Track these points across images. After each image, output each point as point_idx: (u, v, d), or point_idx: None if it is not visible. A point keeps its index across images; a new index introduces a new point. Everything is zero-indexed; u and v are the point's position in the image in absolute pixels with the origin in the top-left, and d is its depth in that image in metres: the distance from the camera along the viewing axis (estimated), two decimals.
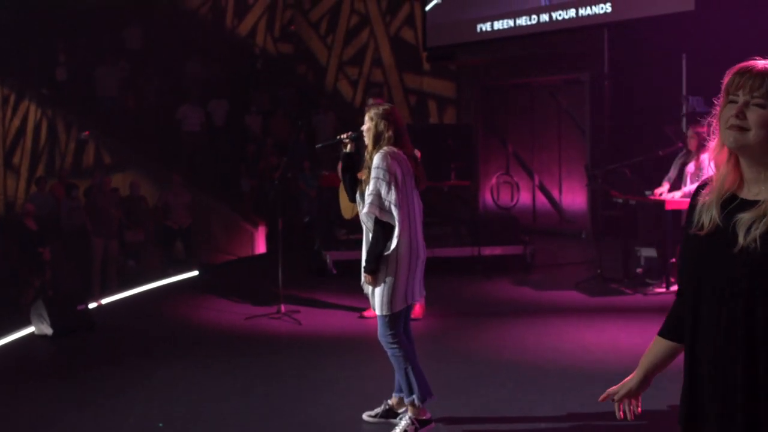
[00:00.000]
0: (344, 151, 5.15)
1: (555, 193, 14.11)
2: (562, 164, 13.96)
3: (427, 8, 15.54)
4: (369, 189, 4.78)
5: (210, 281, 10.69)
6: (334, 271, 10.05)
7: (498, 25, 14.16)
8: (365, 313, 8.04)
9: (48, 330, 7.56)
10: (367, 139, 4.95)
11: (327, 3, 20.13)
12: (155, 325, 8.22)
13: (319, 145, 5.95)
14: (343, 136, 5.16)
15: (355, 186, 5.04)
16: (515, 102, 14.63)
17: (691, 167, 8.83)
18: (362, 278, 5.04)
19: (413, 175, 4.92)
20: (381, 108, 4.98)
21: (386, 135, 4.87)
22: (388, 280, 4.78)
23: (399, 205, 4.74)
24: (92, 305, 8.65)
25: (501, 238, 10.38)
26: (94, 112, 16.95)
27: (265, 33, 20.85)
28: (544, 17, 13.41)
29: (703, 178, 7.11)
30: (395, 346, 4.84)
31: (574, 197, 13.83)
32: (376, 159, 4.81)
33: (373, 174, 4.78)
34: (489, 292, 9.16)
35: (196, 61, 18.08)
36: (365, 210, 4.78)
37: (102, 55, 16.91)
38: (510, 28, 13.96)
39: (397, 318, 4.83)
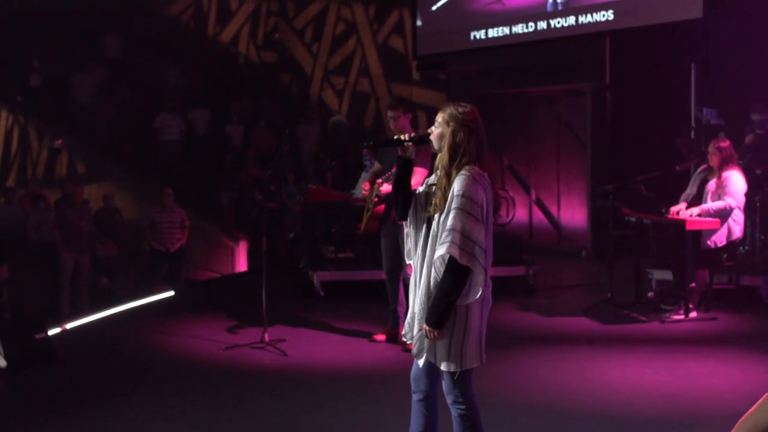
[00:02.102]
0: (403, 156, 4.05)
1: (553, 209, 13.39)
2: (561, 179, 13.24)
3: (419, 23, 14.87)
4: (449, 223, 3.77)
5: (187, 303, 9.90)
6: (322, 293, 9.29)
7: (493, 32, 13.52)
8: (376, 337, 7.30)
9: (1, 362, 6.73)
10: (438, 147, 3.98)
11: (312, 10, 19.58)
12: (124, 356, 7.36)
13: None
14: (405, 136, 4.05)
15: (408, 202, 4.03)
16: (511, 113, 13.89)
17: (712, 185, 8.16)
18: (411, 330, 4.04)
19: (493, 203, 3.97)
20: (461, 110, 3.95)
21: (467, 148, 3.88)
22: (458, 329, 3.82)
23: (484, 247, 3.81)
24: (55, 331, 7.82)
25: (502, 258, 9.58)
26: (68, 120, 16.19)
27: (248, 41, 20.27)
28: (542, 24, 12.77)
29: (727, 196, 6.46)
30: (462, 405, 3.93)
31: (574, 214, 13.11)
32: (459, 184, 3.80)
33: (455, 203, 3.77)
34: (492, 318, 8.27)
35: (176, 69, 17.43)
36: (442, 250, 3.74)
37: (78, 62, 16.17)
38: (506, 36, 13.32)
39: (467, 375, 3.92)
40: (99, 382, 6.54)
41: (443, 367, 3.89)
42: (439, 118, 3.99)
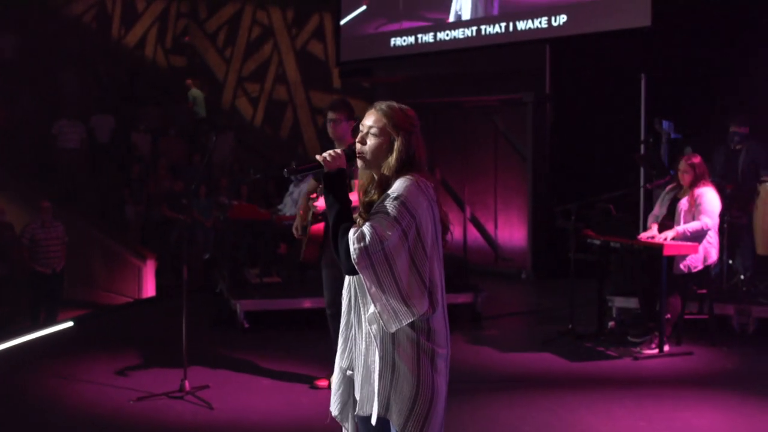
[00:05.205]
0: (327, 171, 3.14)
1: (489, 227, 12.51)
2: (498, 194, 12.38)
3: (342, 22, 13.89)
4: (367, 226, 2.95)
5: (88, 336, 8.51)
6: (246, 325, 8.13)
7: (426, 38, 12.63)
8: (318, 383, 6.19)
9: None
10: (374, 160, 3.09)
11: (225, 13, 18.56)
12: (9, 409, 5.96)
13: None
14: (326, 155, 3.09)
15: (347, 227, 3.06)
16: (444, 123, 12.93)
17: (684, 203, 7.35)
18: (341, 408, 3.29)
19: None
20: (405, 111, 3.13)
21: (417, 159, 3.09)
22: (423, 385, 3.01)
23: (432, 278, 3.00)
24: None
25: (447, 285, 8.64)
26: None
27: (156, 44, 19.05)
28: (474, 32, 11.95)
29: (702, 215, 5.62)
30: None
31: (512, 232, 12.26)
32: (398, 186, 3.00)
33: (383, 206, 2.96)
34: None
35: (76, 73, 16.14)
36: (353, 255, 2.90)
37: None
38: (439, 42, 12.44)
39: None
40: None
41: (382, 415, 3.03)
42: (377, 122, 3.08)
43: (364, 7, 13.63)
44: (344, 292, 3.21)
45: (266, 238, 9.49)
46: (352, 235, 2.90)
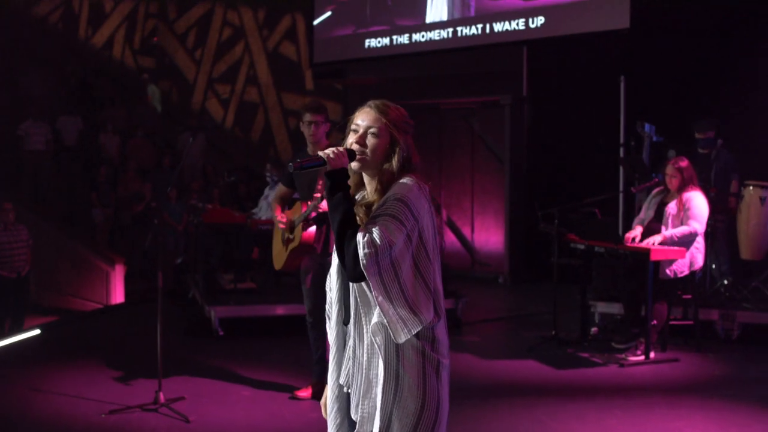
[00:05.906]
0: (331, 169, 2.89)
1: (466, 231, 12.34)
2: (475, 198, 12.21)
3: (316, 22, 13.64)
4: (371, 223, 2.75)
5: (57, 344, 8.19)
6: (221, 332, 7.89)
7: (401, 39, 12.43)
8: (299, 393, 5.95)
9: None
10: (375, 161, 2.89)
11: (195, 13, 18.25)
12: None
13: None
14: (329, 152, 2.83)
15: (354, 230, 2.85)
16: (420, 126, 12.69)
17: (672, 207, 7.21)
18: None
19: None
20: (400, 110, 2.95)
21: (415, 161, 2.95)
22: (429, 399, 2.81)
23: (435, 285, 2.81)
24: None
25: None
26: None
27: (124, 45, 18.70)
28: (462, 31, 11.78)
29: (691, 219, 5.49)
30: None
31: (489, 236, 12.09)
32: (400, 188, 2.82)
33: (386, 208, 2.77)
34: None
35: (42, 73, 15.78)
36: (363, 261, 2.70)
37: None
38: (414, 44, 12.24)
39: None
40: None
41: None
42: (376, 122, 2.89)
43: (329, 13, 13.42)
44: (334, 301, 3.01)
45: (240, 243, 9.24)
46: (361, 239, 2.70)
